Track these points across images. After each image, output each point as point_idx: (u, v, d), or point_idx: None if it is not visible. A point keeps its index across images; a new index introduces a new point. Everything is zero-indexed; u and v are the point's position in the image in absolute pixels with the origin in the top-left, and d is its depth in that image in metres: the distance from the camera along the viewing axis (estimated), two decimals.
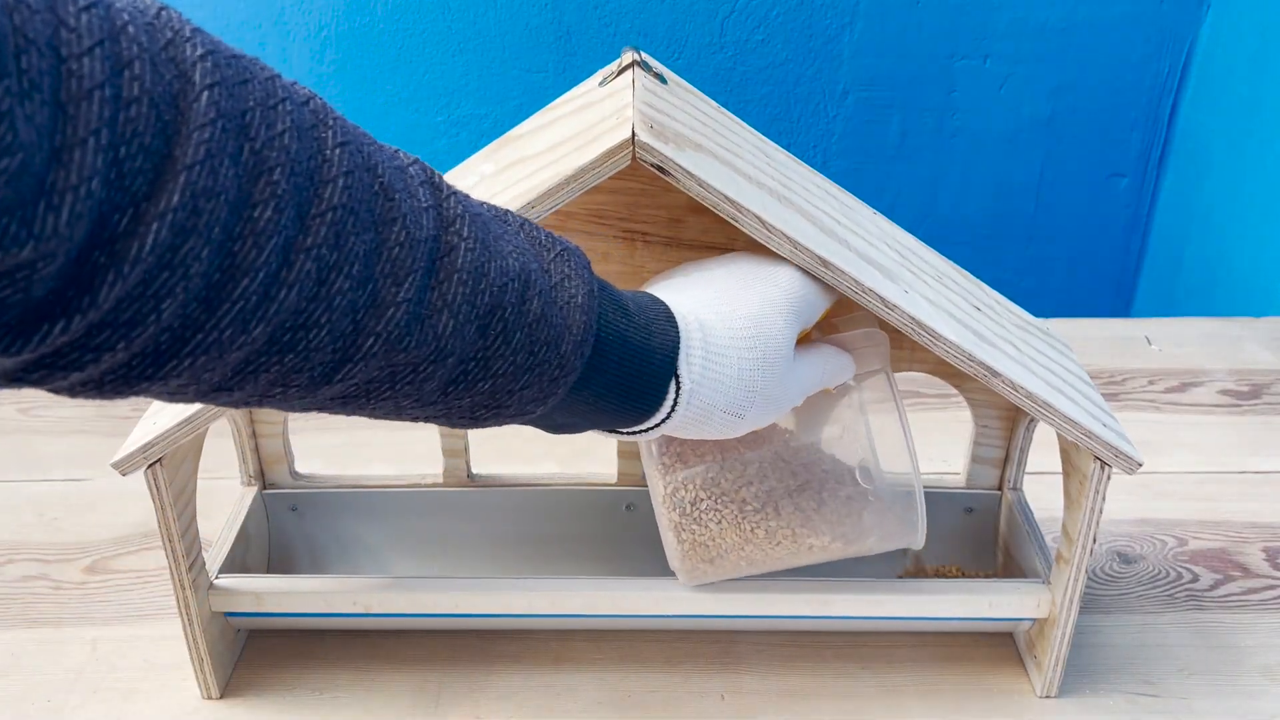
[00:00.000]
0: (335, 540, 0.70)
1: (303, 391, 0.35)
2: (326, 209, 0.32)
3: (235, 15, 1.47)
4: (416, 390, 0.38)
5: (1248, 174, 1.38)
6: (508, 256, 0.39)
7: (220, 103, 0.29)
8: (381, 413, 0.40)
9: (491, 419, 0.42)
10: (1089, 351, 1.00)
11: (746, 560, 0.57)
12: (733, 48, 1.53)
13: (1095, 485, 0.56)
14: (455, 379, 0.39)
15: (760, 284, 0.49)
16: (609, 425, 0.46)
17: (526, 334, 0.40)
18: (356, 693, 0.62)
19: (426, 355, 0.37)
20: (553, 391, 0.42)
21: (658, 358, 0.45)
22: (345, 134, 0.34)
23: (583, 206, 0.58)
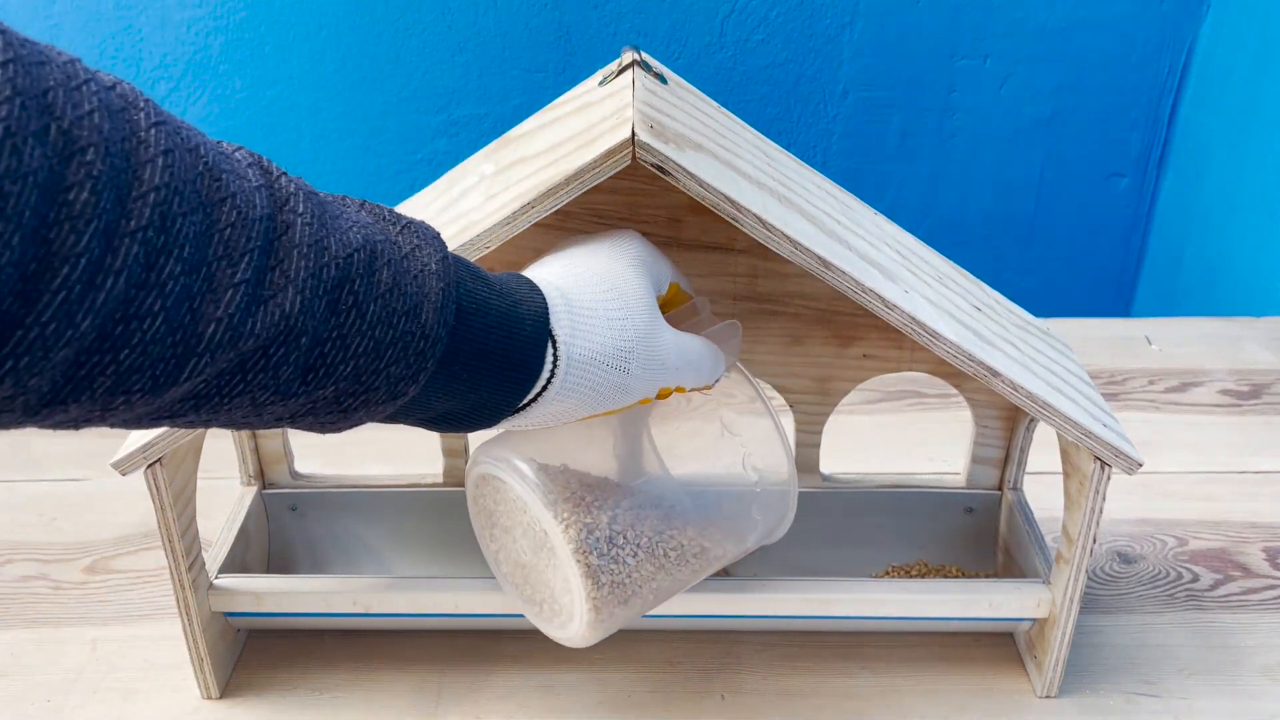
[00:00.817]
0: (335, 540, 0.70)
1: (147, 396, 0.33)
2: (148, 189, 0.30)
3: (235, 15, 1.47)
4: (272, 380, 0.36)
5: (1248, 174, 1.38)
6: (349, 231, 0.38)
7: (16, 80, 0.27)
8: (240, 414, 0.37)
9: (360, 408, 0.40)
10: (1089, 351, 1.00)
11: (654, 592, 0.54)
12: (733, 48, 1.53)
13: (1095, 485, 0.56)
14: (313, 364, 0.37)
15: (605, 248, 0.50)
16: (491, 406, 0.44)
17: (381, 305, 0.38)
18: (356, 693, 0.62)
19: (275, 336, 0.35)
20: (421, 366, 0.40)
21: (528, 320, 0.44)
22: (159, 115, 0.32)
23: (583, 206, 0.58)
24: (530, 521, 0.53)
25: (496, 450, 0.52)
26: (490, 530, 0.56)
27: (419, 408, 0.43)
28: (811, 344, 0.64)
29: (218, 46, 1.49)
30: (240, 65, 1.50)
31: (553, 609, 0.54)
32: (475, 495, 0.56)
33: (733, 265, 0.61)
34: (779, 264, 0.61)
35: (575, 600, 0.52)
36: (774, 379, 0.65)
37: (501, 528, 0.55)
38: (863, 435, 0.88)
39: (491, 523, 0.56)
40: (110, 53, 1.47)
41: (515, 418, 0.46)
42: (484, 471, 0.53)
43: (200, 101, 1.51)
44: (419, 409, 0.43)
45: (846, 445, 0.84)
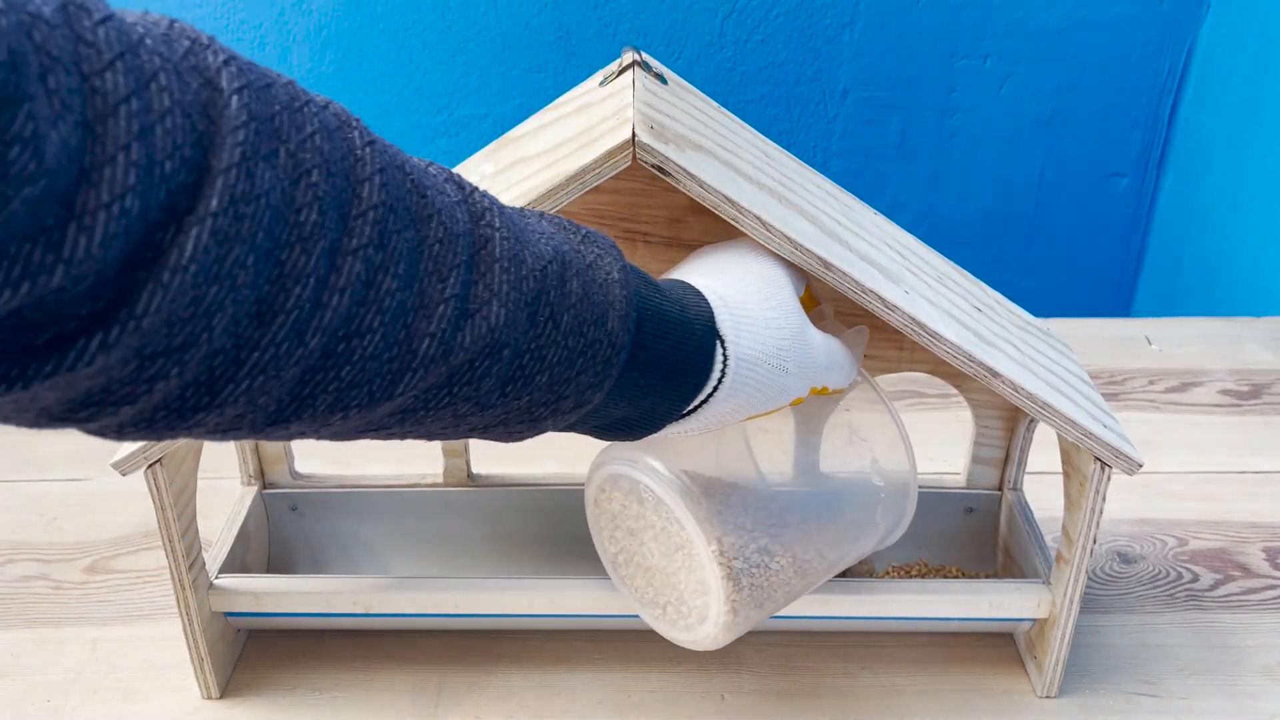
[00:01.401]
0: (335, 540, 0.70)
1: (363, 411, 0.34)
2: (367, 208, 0.31)
3: (235, 15, 1.47)
4: (475, 392, 0.37)
5: (1248, 174, 1.38)
6: (539, 243, 0.39)
7: (250, 105, 0.28)
8: (439, 426, 0.38)
9: (549, 417, 0.41)
10: (1089, 351, 1.00)
11: (786, 595, 0.55)
12: (733, 48, 1.53)
13: (1095, 486, 0.56)
14: (512, 375, 0.38)
15: (742, 252, 0.50)
16: (663, 410, 0.45)
17: (573, 315, 0.39)
18: (356, 693, 0.62)
19: (482, 350, 0.36)
20: (607, 373, 0.41)
21: (697, 324, 0.44)
22: (369, 134, 0.33)
23: (583, 206, 0.58)
24: (665, 524, 0.53)
25: (630, 452, 0.52)
26: (613, 533, 0.56)
27: (596, 415, 0.43)
28: None
29: None
30: None
31: (679, 611, 0.54)
32: (599, 497, 0.56)
33: None
34: None
35: (712, 602, 0.52)
36: None
37: (627, 530, 0.55)
38: None
39: (615, 525, 0.56)
40: None
41: (683, 422, 0.46)
42: (618, 472, 0.53)
43: None
44: (596, 416, 0.44)
45: None
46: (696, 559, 0.52)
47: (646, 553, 0.55)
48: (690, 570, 0.53)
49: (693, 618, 0.54)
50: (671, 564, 0.54)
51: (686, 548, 0.52)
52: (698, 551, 0.51)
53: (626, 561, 0.56)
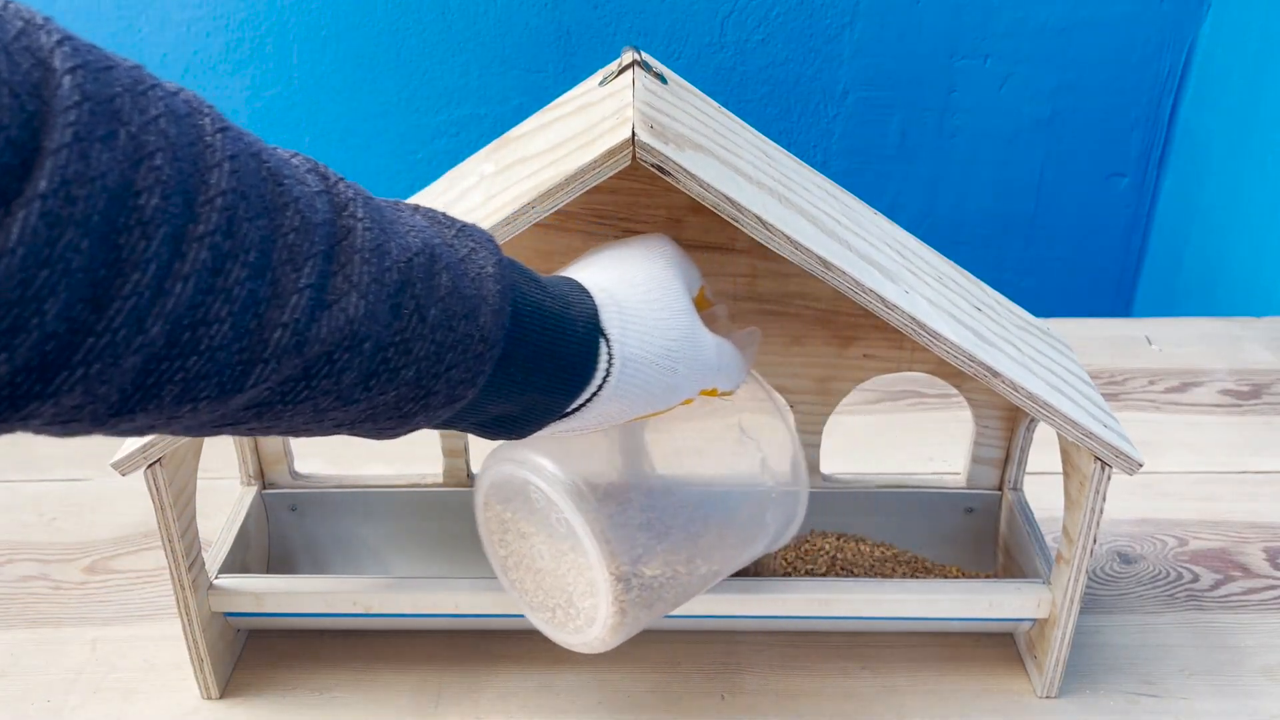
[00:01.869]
0: (335, 540, 0.70)
1: (213, 404, 0.33)
2: (215, 194, 0.31)
3: (235, 15, 1.47)
4: (335, 386, 0.36)
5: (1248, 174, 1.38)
6: (407, 235, 0.38)
7: (85, 86, 0.28)
8: (301, 421, 0.38)
9: (420, 412, 0.40)
10: (1089, 351, 1.00)
11: (676, 596, 0.54)
12: (733, 48, 1.53)
13: (1095, 485, 0.56)
14: (375, 369, 0.37)
15: (641, 251, 0.50)
16: (544, 408, 0.45)
17: (442, 309, 0.39)
18: (356, 693, 0.62)
19: (340, 342, 0.35)
20: (480, 369, 0.41)
21: (580, 321, 0.44)
22: (223, 121, 0.32)
23: (583, 206, 0.58)
24: (555, 525, 0.52)
25: (519, 453, 0.52)
26: (503, 536, 0.56)
27: (474, 411, 0.43)
28: (811, 344, 0.64)
29: (218, 46, 1.49)
30: (240, 65, 1.50)
31: (568, 614, 0.54)
32: (488, 499, 0.55)
33: (733, 265, 0.61)
34: (779, 264, 0.61)
35: (601, 604, 0.52)
36: (774, 379, 0.65)
37: (517, 533, 0.55)
38: (863, 435, 0.88)
39: (505, 528, 0.55)
40: None
41: (566, 420, 0.46)
42: (508, 473, 0.53)
43: None
44: (474, 413, 0.43)
45: (846, 445, 0.84)
46: (586, 560, 0.52)
47: (536, 555, 0.54)
48: (579, 572, 0.52)
49: (581, 620, 0.53)
50: (561, 566, 0.53)
51: (576, 549, 0.52)
52: (587, 552, 0.51)
53: (516, 565, 0.55)
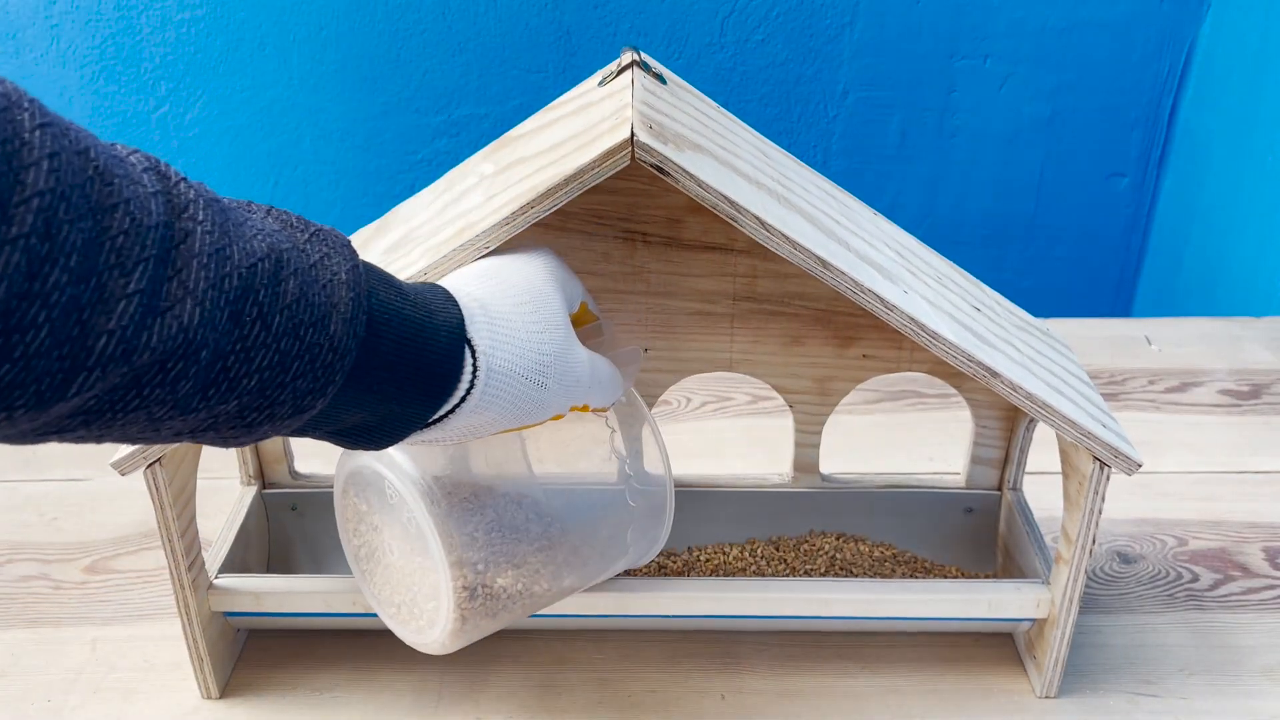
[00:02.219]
0: (335, 540, 0.70)
1: (31, 413, 0.31)
2: (31, 195, 0.29)
3: (235, 15, 1.47)
4: (170, 395, 0.35)
5: (1248, 174, 1.38)
6: (253, 239, 0.37)
7: None
8: (135, 430, 0.36)
9: (265, 422, 0.39)
10: (1089, 351, 1.00)
11: (523, 608, 0.54)
12: (733, 48, 1.53)
13: (1094, 486, 0.56)
14: (215, 379, 0.36)
15: (521, 261, 0.50)
16: (403, 419, 0.43)
17: (287, 316, 0.37)
18: (356, 693, 0.62)
19: (173, 350, 0.33)
20: (329, 379, 0.39)
21: (444, 331, 0.43)
22: (45, 116, 0.31)
23: (583, 207, 0.58)
24: (406, 524, 0.52)
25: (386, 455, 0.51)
26: (357, 526, 0.56)
27: (327, 420, 0.41)
28: (811, 344, 0.64)
29: (218, 46, 1.49)
30: (240, 65, 1.50)
31: (411, 612, 0.54)
32: (346, 488, 0.55)
33: (733, 265, 0.61)
34: (779, 264, 0.61)
35: (442, 608, 0.52)
36: (774, 379, 0.65)
37: (370, 525, 0.55)
38: (863, 435, 0.88)
39: (359, 519, 0.55)
40: (110, 53, 1.47)
41: (428, 431, 0.44)
42: (364, 465, 0.52)
43: (200, 101, 1.51)
44: (327, 422, 0.42)
45: (846, 445, 0.84)
46: (432, 562, 0.51)
47: (387, 549, 0.54)
48: (424, 574, 0.52)
49: (424, 620, 0.53)
50: (409, 564, 0.53)
51: (423, 551, 0.52)
52: (433, 555, 0.51)
53: (368, 556, 0.55)
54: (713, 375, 0.68)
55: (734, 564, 0.68)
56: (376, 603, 0.56)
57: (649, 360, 0.64)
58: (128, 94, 1.49)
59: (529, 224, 0.50)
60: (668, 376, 0.65)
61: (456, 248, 0.51)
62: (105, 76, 1.47)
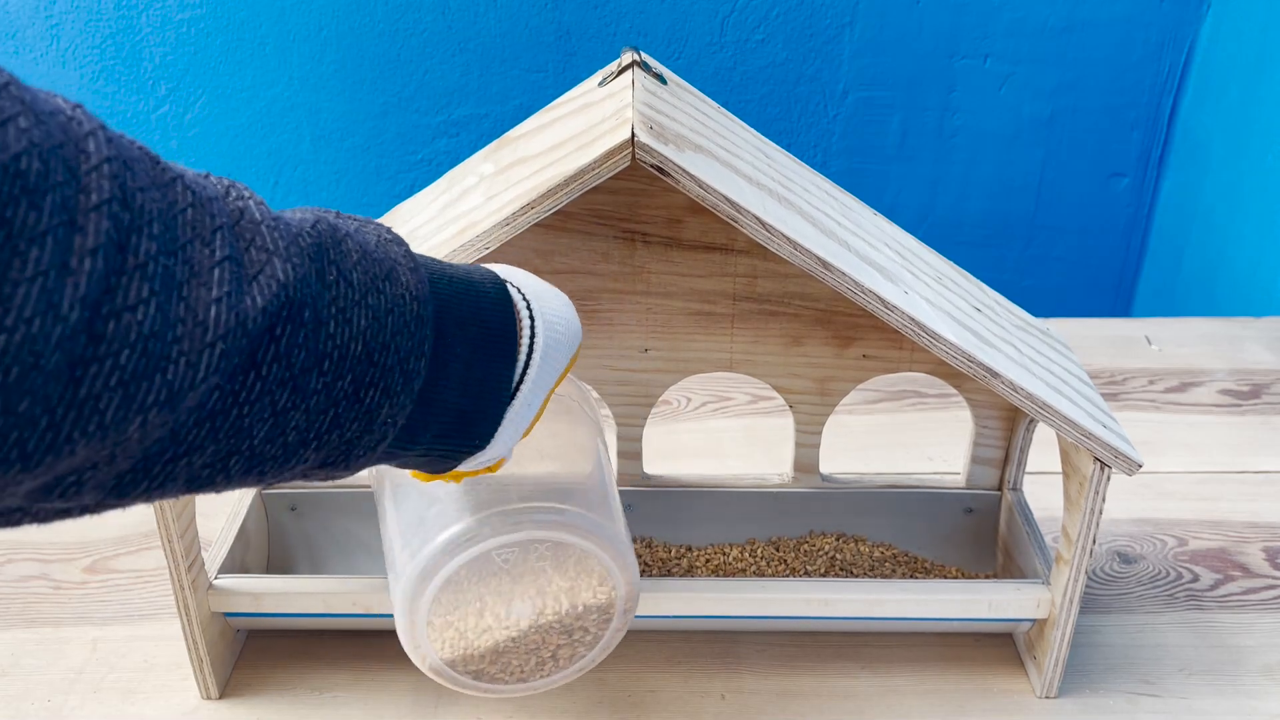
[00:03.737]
0: (334, 540, 0.70)
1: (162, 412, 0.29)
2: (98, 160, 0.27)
3: (235, 15, 1.47)
4: (288, 372, 0.33)
5: (1248, 174, 1.38)
6: (295, 213, 0.37)
7: None
8: (262, 432, 0.33)
9: (383, 403, 0.37)
10: (1089, 351, 1.00)
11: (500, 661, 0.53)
12: (733, 48, 1.53)
13: (1095, 486, 0.56)
14: (324, 349, 0.34)
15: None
16: (494, 383, 0.42)
17: (362, 271, 0.36)
18: (356, 693, 0.62)
19: (278, 309, 0.32)
20: (421, 332, 0.38)
21: (488, 283, 0.43)
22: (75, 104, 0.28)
23: (583, 207, 0.58)
24: (526, 567, 0.50)
25: (459, 528, 0.49)
26: (458, 639, 0.52)
27: (436, 408, 0.40)
28: (811, 344, 0.64)
29: (218, 46, 1.49)
30: (240, 65, 1.50)
31: (581, 637, 0.54)
32: (434, 609, 0.51)
33: (733, 265, 0.61)
34: (779, 264, 0.61)
35: (619, 579, 0.52)
36: (774, 379, 0.65)
37: (491, 617, 0.52)
38: (863, 435, 0.88)
39: (463, 628, 0.52)
40: (110, 53, 1.47)
41: (513, 407, 0.43)
42: (474, 554, 0.49)
43: (200, 101, 1.51)
44: (437, 410, 0.40)
45: (846, 445, 0.84)
46: (588, 561, 0.51)
47: (517, 618, 0.52)
48: (581, 578, 0.52)
49: (600, 608, 0.53)
50: (552, 602, 0.52)
51: (566, 564, 0.51)
52: (591, 551, 0.51)
53: (493, 660, 0.53)
54: (713, 375, 0.68)
55: (734, 564, 0.68)
56: (524, 686, 0.55)
57: (649, 360, 0.64)
58: (128, 94, 1.49)
59: (530, 224, 0.50)
60: (668, 376, 0.65)
61: (457, 248, 0.51)
62: (105, 76, 1.47)
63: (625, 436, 0.67)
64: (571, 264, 0.60)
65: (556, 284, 0.61)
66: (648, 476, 0.69)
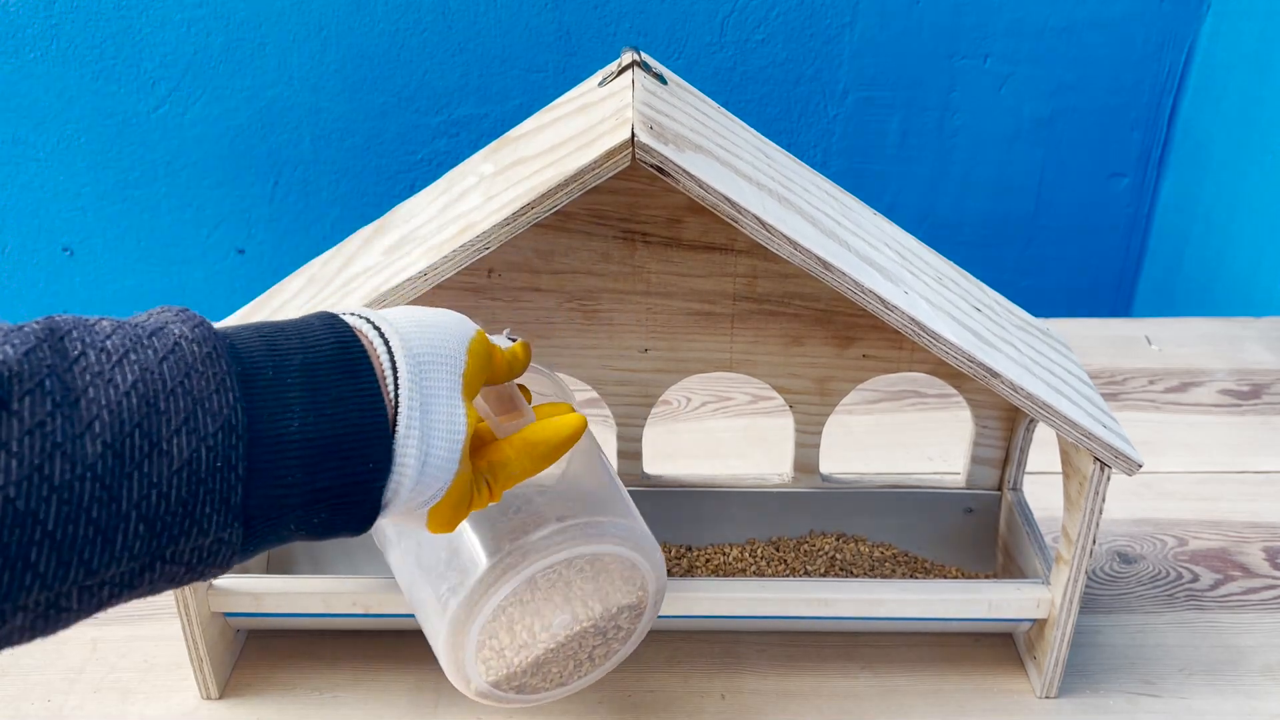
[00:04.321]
0: (334, 540, 0.70)
1: None
2: None
3: (235, 15, 1.47)
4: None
5: (1248, 174, 1.38)
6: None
7: None
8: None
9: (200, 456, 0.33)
10: (1089, 351, 1.00)
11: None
12: (733, 48, 1.53)
13: (1095, 486, 0.56)
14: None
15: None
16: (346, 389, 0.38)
17: (121, 337, 0.33)
18: (356, 693, 0.62)
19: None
20: (218, 371, 0.35)
21: (311, 317, 0.39)
22: None
23: (583, 207, 0.58)
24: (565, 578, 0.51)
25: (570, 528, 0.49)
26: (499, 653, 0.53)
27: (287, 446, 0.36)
28: (811, 344, 0.64)
29: (218, 46, 1.48)
30: (240, 65, 1.50)
31: (615, 634, 0.54)
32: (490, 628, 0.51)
33: (733, 265, 0.61)
34: (779, 264, 0.61)
35: (644, 568, 0.53)
36: (774, 379, 0.65)
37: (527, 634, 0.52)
38: (863, 435, 0.88)
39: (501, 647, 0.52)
40: (110, 53, 1.47)
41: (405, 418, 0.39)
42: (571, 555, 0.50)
43: (200, 101, 1.51)
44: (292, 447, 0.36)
45: (846, 445, 0.84)
46: (619, 564, 0.52)
47: (554, 631, 0.53)
48: (611, 581, 0.52)
49: (632, 606, 0.54)
50: (585, 609, 0.53)
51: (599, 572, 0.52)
52: (627, 555, 0.52)
53: (534, 672, 0.54)
54: (713, 375, 0.68)
55: (734, 564, 0.68)
56: (564, 689, 0.55)
57: (649, 360, 0.64)
58: (128, 94, 1.49)
59: (529, 224, 0.50)
60: (668, 376, 0.65)
61: (457, 248, 0.51)
62: (105, 76, 1.47)
63: (625, 436, 0.67)
64: (571, 264, 0.60)
65: (556, 284, 0.61)
66: (648, 476, 0.69)
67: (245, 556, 0.37)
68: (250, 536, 0.36)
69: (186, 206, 1.56)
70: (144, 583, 0.34)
